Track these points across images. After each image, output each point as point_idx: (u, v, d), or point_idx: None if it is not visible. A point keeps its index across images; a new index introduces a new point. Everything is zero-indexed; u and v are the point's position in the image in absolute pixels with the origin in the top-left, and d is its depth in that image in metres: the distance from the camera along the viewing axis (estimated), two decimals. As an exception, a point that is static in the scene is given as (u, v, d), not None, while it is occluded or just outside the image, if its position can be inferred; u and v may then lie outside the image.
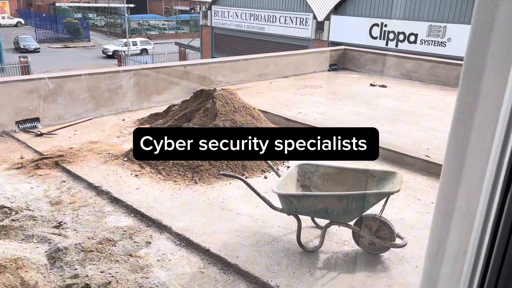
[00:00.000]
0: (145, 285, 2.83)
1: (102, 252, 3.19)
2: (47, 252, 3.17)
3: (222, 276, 3.01)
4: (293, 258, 3.17)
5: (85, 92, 7.26)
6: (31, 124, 6.66)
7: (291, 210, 3.18)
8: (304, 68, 10.93)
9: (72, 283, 2.76)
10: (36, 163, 5.09)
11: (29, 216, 3.66)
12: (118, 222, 3.71)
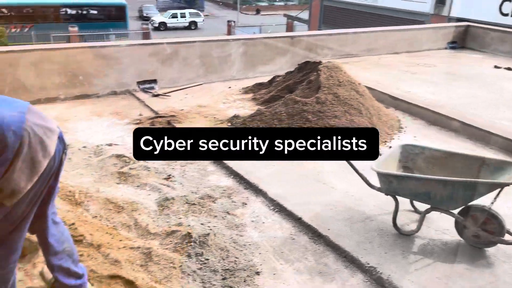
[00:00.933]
0: (239, 241, 3.02)
1: (203, 207, 3.46)
2: (157, 200, 3.53)
3: (312, 245, 3.07)
4: (386, 239, 3.10)
5: (197, 59, 7.69)
6: (149, 85, 7.30)
7: (389, 191, 3.09)
8: (417, 45, 10.19)
9: (176, 230, 3.05)
10: (151, 120, 5.61)
11: (144, 166, 4.09)
12: (219, 181, 3.96)
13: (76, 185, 3.48)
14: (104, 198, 3.38)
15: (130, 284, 2.52)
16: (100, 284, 2.50)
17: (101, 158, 4.27)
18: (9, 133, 1.70)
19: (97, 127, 5.42)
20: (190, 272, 2.66)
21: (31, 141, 1.77)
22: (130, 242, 2.92)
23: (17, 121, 1.75)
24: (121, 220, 3.19)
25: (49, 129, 1.89)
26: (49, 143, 1.86)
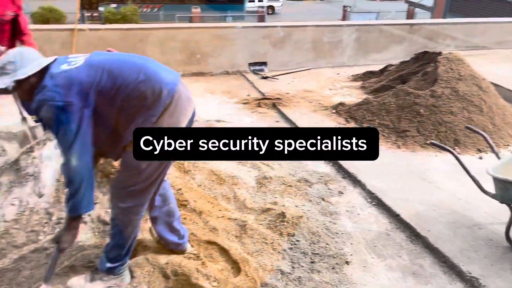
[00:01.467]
0: (331, 228, 3.01)
1: (299, 189, 3.51)
2: (256, 177, 3.67)
3: (408, 244, 2.93)
4: (495, 250, 2.82)
5: (309, 43, 7.66)
6: (259, 67, 7.51)
7: (505, 198, 2.78)
8: None
9: (271, 208, 3.15)
10: (258, 101, 5.79)
11: (247, 144, 4.27)
12: (317, 167, 3.96)
13: (186, 154, 3.77)
14: (209, 169, 3.62)
15: (224, 251, 2.68)
16: (198, 246, 2.71)
17: (209, 133, 4.55)
18: (165, 90, 1.99)
19: (209, 103, 5.77)
20: (280, 250, 2.74)
21: (178, 103, 2.04)
22: (228, 213, 3.10)
23: (172, 83, 2.04)
24: (222, 192, 3.39)
25: (189, 98, 2.15)
26: (188, 109, 2.12)
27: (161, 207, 2.46)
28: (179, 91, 2.06)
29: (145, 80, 1.98)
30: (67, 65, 1.96)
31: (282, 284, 2.49)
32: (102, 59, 2.03)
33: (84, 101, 1.90)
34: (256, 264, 2.59)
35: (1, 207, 2.94)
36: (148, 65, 2.06)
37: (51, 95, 1.86)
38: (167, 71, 2.12)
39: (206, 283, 2.41)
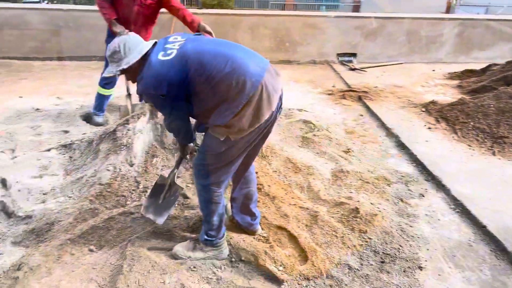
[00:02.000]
0: (407, 231, 2.88)
1: (376, 187, 3.40)
2: (332, 170, 3.63)
3: (492, 258, 2.71)
4: None
5: (403, 36, 7.30)
6: (348, 58, 7.33)
7: None
8: None
9: (345, 202, 3.10)
10: (343, 93, 5.67)
11: (326, 136, 4.22)
12: (398, 166, 3.80)
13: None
14: (285, 157, 3.66)
15: (293, 238, 2.72)
16: (268, 230, 2.78)
17: (290, 121, 4.58)
18: (249, 82, 2.05)
19: (292, 92, 5.78)
20: (350, 245, 2.70)
21: (262, 94, 2.08)
22: (301, 202, 3.12)
23: (258, 75, 2.08)
24: (297, 180, 3.41)
25: (276, 88, 2.16)
26: (273, 100, 2.14)
27: (241, 189, 2.58)
28: (265, 83, 2.09)
29: (230, 71, 2.05)
30: (163, 54, 2.13)
31: (348, 279, 2.45)
32: (195, 49, 2.13)
33: (174, 91, 2.10)
34: (324, 256, 2.59)
35: (98, 171, 3.27)
36: (236, 56, 2.11)
37: (147, 87, 2.12)
38: (255, 60, 2.15)
39: (272, 266, 2.47)
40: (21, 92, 5.54)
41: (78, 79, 6.12)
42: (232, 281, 2.38)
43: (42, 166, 3.52)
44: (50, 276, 2.37)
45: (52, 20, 6.96)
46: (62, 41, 7.16)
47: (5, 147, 3.89)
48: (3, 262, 2.47)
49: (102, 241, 2.67)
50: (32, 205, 3.01)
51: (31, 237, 2.69)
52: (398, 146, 4.19)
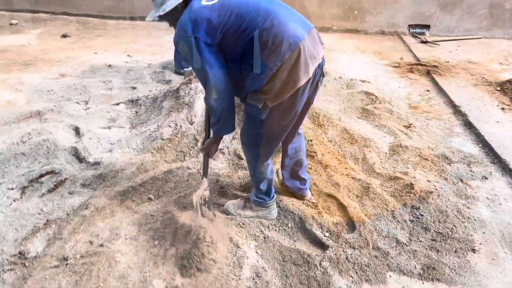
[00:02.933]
0: (464, 212, 2.77)
1: (435, 165, 3.27)
2: (390, 144, 3.54)
3: (556, 250, 2.54)
4: None
5: (485, 9, 6.73)
6: (420, 30, 6.93)
7: None
8: None
9: (400, 177, 3.03)
10: (411, 66, 5.41)
11: (388, 109, 4.09)
12: (462, 146, 3.61)
13: (323, 109, 3.81)
14: (342, 127, 3.61)
15: (342, 207, 2.72)
16: (318, 197, 2.81)
17: (351, 92, 4.47)
18: (286, 43, 1.91)
19: (357, 62, 5.61)
20: (400, 220, 2.66)
21: (299, 57, 1.94)
22: (354, 173, 3.09)
23: (297, 36, 1.94)
24: (352, 151, 3.37)
25: (315, 54, 2.03)
26: (311, 66, 2.00)
27: (291, 157, 2.61)
28: (304, 46, 1.95)
29: (269, 28, 1.92)
30: (206, 0, 2.01)
31: (395, 253, 2.44)
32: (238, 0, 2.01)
33: (211, 38, 1.95)
34: (372, 227, 2.58)
35: (161, 126, 3.45)
36: (279, 13, 1.96)
37: (184, 28, 1.95)
38: (298, 22, 2.00)
39: (318, 231, 2.51)
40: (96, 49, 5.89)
41: (147, 39, 6.37)
42: (278, 241, 2.46)
43: (111, 118, 3.78)
44: (113, 218, 2.59)
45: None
46: (135, 1, 7.43)
47: (80, 99, 4.21)
48: (73, 201, 2.73)
49: (160, 191, 2.85)
50: (100, 153, 3.26)
51: (98, 181, 2.94)
52: (465, 125, 3.97)
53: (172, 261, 2.29)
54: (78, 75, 4.88)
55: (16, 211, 2.64)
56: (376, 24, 7.03)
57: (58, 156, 3.18)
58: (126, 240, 2.41)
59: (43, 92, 4.41)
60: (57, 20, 7.54)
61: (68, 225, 2.52)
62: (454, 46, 6.28)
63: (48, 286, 2.15)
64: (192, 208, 2.45)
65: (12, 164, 3.13)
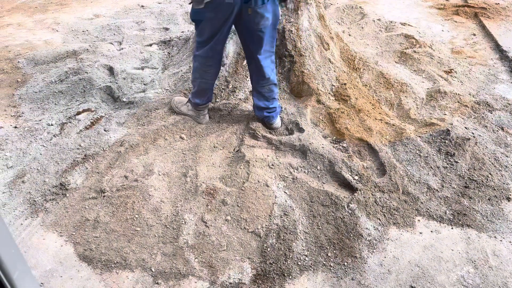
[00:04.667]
0: (502, 161, 2.67)
1: (476, 112, 3.14)
2: (428, 89, 3.39)
3: None
4: None
5: None
6: (470, -31, 6.36)
7: None
8: None
9: (436, 123, 2.93)
10: (457, 8, 5.05)
11: (428, 53, 3.88)
12: (507, 93, 3.41)
13: (359, 52, 3.66)
14: (379, 71, 3.47)
15: (373, 152, 2.69)
16: (349, 141, 2.77)
17: (390, 35, 4.26)
18: None
19: (397, 3, 5.29)
20: (433, 166, 2.60)
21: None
22: (387, 118, 3.01)
23: None
24: (387, 96, 3.26)
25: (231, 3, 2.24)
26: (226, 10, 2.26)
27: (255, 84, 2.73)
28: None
29: None
30: None
31: (425, 198, 2.41)
32: None
33: None
34: (403, 172, 2.54)
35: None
36: None
37: None
38: None
39: (348, 175, 2.51)
40: (128, -11, 5.80)
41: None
42: (306, 182, 2.48)
43: (143, 59, 3.79)
44: (147, 155, 2.67)
45: None
46: None
47: (113, 39, 4.22)
48: (108, 138, 2.83)
49: (191, 131, 2.89)
50: (134, 92, 3.31)
51: (133, 120, 3.01)
52: (511, 72, 3.73)
53: (202, 197, 2.36)
54: (112, 16, 4.87)
55: (56, 146, 2.76)
56: (422, -38, 6.50)
57: (94, 94, 3.25)
58: (159, 176, 2.49)
59: (78, 32, 4.45)
60: (90, -41, 7.43)
61: (104, 160, 2.62)
62: (508, -13, 5.77)
63: (87, 215, 2.28)
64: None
65: (51, 102, 3.24)
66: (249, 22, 2.41)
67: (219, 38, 2.48)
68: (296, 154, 2.69)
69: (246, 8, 2.33)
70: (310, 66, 3.21)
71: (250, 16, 2.37)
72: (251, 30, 2.45)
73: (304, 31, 3.26)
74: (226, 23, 2.39)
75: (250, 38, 2.52)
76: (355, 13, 4.75)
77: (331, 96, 3.16)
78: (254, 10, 2.34)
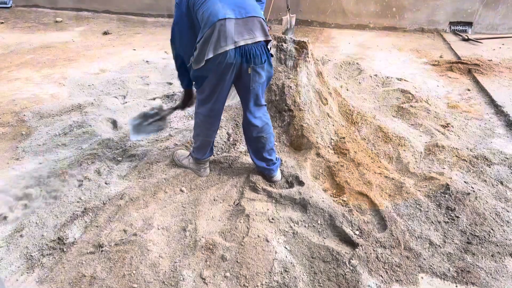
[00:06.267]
0: (503, 216, 2.65)
1: (474, 166, 3.16)
2: (426, 143, 3.44)
3: None
4: None
5: (533, 4, 6.41)
6: (462, 28, 6.68)
7: None
8: None
9: (435, 177, 2.94)
10: (451, 65, 5.24)
11: (425, 108, 3.98)
12: (504, 147, 3.46)
13: (357, 106, 3.76)
14: (377, 125, 3.54)
15: (373, 206, 2.68)
16: (349, 195, 2.78)
17: (387, 89, 4.38)
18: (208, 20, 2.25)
19: (393, 59, 5.49)
20: (434, 221, 2.58)
21: (212, 34, 2.25)
22: (387, 172, 3.03)
23: (216, 16, 2.24)
24: (385, 150, 3.31)
25: (234, 38, 2.28)
26: (223, 45, 2.26)
27: (250, 137, 2.75)
28: (222, 26, 2.23)
29: (206, 5, 2.29)
30: None
31: (427, 254, 2.38)
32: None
33: (185, 5, 2.42)
34: (404, 227, 2.52)
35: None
36: None
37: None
38: (231, 6, 2.29)
39: (348, 229, 2.49)
40: (135, 45, 6.06)
41: (183, 36, 6.48)
42: (307, 237, 2.46)
43: (146, 113, 3.88)
44: (146, 208, 2.67)
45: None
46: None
47: (118, 93, 4.35)
48: (109, 191, 2.83)
49: (192, 184, 2.91)
50: (136, 145, 3.36)
51: (134, 172, 3.03)
52: (507, 126, 3.80)
53: (201, 252, 2.33)
54: (117, 71, 5.04)
55: (56, 199, 2.77)
56: (415, 21, 6.84)
57: (96, 147, 3.30)
58: (158, 230, 2.48)
59: (84, 86, 4.59)
60: (99, 18, 7.81)
61: (104, 213, 2.62)
62: (498, 44, 6.02)
63: (83, 271, 2.24)
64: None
65: (54, 153, 3.28)
66: (247, 80, 2.50)
67: (218, 96, 2.54)
68: (296, 208, 2.69)
69: (246, 67, 2.42)
70: (309, 120, 3.28)
71: (250, 75, 2.46)
72: (248, 87, 2.53)
73: (303, 86, 3.37)
74: (226, 82, 2.45)
75: (246, 94, 2.59)
76: (352, 69, 4.92)
77: (331, 150, 3.20)
78: (254, 69, 2.44)
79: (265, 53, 2.44)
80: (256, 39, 2.36)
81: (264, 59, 2.44)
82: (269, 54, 2.49)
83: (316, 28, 7.08)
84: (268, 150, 2.81)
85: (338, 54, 5.78)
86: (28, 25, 7.22)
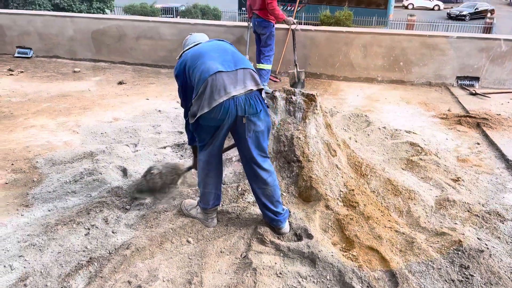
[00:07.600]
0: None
1: (487, 222, 3.09)
2: (437, 197, 3.40)
3: None
4: None
5: (539, 61, 6.52)
6: (469, 82, 6.80)
7: None
8: None
9: (447, 233, 2.87)
10: (459, 118, 5.27)
11: (434, 161, 3.96)
12: (517, 203, 3.40)
13: (366, 158, 3.76)
14: (386, 178, 3.53)
15: (384, 261, 2.61)
16: (359, 249, 2.71)
17: (396, 142, 4.40)
18: (201, 77, 2.44)
19: (401, 112, 5.55)
20: (447, 279, 2.49)
21: (205, 89, 2.41)
22: (397, 226, 2.98)
23: (207, 72, 2.42)
24: (395, 203, 3.27)
25: (226, 89, 2.41)
26: (217, 98, 2.40)
27: (255, 189, 2.79)
28: (213, 80, 2.40)
29: (197, 66, 2.49)
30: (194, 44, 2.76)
31: (441, 315, 2.28)
32: (202, 46, 2.66)
33: (182, 74, 2.62)
34: (417, 285, 2.44)
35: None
36: (210, 55, 2.53)
37: (176, 66, 2.72)
38: (221, 62, 2.47)
39: (358, 286, 2.41)
40: (148, 95, 6.24)
41: (196, 87, 6.67)
42: (315, 294, 2.38)
43: (157, 161, 3.93)
44: (152, 259, 2.63)
45: (181, 32, 7.73)
46: (186, 52, 7.88)
47: (129, 141, 4.42)
48: (115, 240, 2.81)
49: (199, 235, 2.88)
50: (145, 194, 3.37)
51: (141, 222, 3.02)
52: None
53: (206, 307, 2.26)
54: (130, 119, 5.16)
55: (62, 247, 2.75)
56: (422, 75, 6.98)
57: (105, 195, 3.31)
58: (163, 282, 2.42)
59: (97, 134, 4.69)
60: (115, 68, 8.12)
61: (109, 263, 2.58)
62: (506, 99, 6.08)
63: (85, 324, 2.18)
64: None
65: (64, 200, 3.29)
66: (243, 130, 2.57)
67: (215, 144, 2.66)
68: (304, 262, 2.63)
69: (241, 117, 2.51)
70: (318, 171, 3.28)
71: (245, 124, 2.54)
72: (244, 137, 2.59)
73: (312, 138, 3.40)
74: (221, 131, 2.58)
75: (244, 145, 2.64)
76: (360, 121, 4.98)
77: (340, 202, 3.17)
78: (248, 118, 2.52)
79: (260, 103, 2.54)
80: (248, 88, 2.48)
81: (260, 108, 2.54)
82: (265, 104, 2.59)
83: (324, 80, 7.25)
84: (274, 202, 2.80)
85: (346, 106, 5.88)
86: (47, 74, 7.51)
